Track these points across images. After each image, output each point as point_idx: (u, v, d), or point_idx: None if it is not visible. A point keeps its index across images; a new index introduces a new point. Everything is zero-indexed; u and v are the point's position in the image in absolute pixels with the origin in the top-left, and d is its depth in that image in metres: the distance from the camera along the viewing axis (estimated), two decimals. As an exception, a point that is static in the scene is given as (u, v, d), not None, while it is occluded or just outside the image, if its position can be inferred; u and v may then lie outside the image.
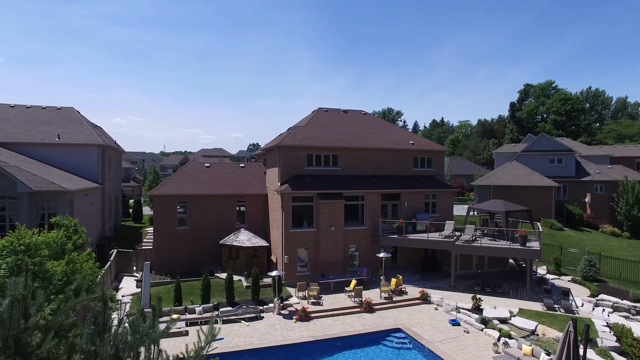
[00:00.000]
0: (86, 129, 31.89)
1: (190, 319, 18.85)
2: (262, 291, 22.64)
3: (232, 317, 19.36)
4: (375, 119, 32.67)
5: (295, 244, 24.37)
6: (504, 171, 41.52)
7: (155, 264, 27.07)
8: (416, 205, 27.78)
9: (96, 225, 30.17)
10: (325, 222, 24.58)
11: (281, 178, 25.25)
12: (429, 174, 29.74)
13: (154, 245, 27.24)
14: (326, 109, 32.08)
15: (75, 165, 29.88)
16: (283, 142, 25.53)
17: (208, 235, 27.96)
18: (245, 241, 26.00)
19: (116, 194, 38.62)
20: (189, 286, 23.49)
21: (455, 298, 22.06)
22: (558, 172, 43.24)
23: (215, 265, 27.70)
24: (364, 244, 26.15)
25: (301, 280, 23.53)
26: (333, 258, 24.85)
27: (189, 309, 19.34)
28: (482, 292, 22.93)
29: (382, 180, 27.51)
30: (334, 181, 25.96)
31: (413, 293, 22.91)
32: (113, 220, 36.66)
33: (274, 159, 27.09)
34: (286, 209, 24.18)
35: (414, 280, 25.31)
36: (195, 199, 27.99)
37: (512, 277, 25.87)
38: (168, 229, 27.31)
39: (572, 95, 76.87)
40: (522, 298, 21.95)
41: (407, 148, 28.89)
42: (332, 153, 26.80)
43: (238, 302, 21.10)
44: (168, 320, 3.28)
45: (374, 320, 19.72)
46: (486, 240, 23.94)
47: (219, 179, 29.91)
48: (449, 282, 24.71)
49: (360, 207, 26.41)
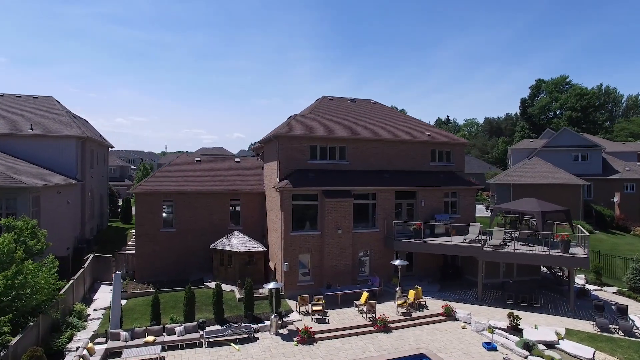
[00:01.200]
0: (64, 119, 28.64)
1: (169, 342, 15.52)
2: (258, 305, 19.32)
3: (219, 339, 16.02)
4: (386, 108, 29.33)
5: (296, 249, 21.02)
6: (525, 168, 38.05)
7: (137, 271, 23.81)
8: (434, 205, 24.37)
9: (73, 226, 26.90)
10: (331, 223, 21.22)
11: (280, 173, 21.90)
12: (448, 170, 26.34)
13: (136, 250, 23.93)
14: (331, 98, 28.74)
15: (51, 159, 26.68)
16: (282, 132, 22.18)
17: (198, 239, 24.67)
18: (239, 245, 22.66)
19: (101, 192, 35.37)
20: (174, 298, 20.20)
21: (485, 313, 18.68)
22: (582, 170, 39.75)
23: (206, 272, 24.42)
24: (375, 249, 22.77)
25: (303, 291, 20.19)
26: (340, 265, 21.48)
27: (168, 328, 16.02)
28: (516, 306, 19.54)
29: (395, 176, 24.12)
30: (341, 177, 22.59)
31: (434, 307, 19.54)
32: (97, 220, 33.42)
33: (273, 152, 23.74)
34: (286, 208, 20.83)
35: (433, 291, 21.92)
36: (184, 197, 24.69)
37: (545, 287, 22.45)
38: (152, 231, 24.01)
39: (588, 90, 73.08)
40: (565, 314, 18.53)
41: (423, 140, 25.49)
42: (339, 145, 23.42)
43: (228, 319, 17.78)
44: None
45: (390, 342, 16.34)
46: (517, 245, 20.50)
47: (210, 175, 26.60)
48: (474, 294, 21.32)
49: (371, 206, 23.03)
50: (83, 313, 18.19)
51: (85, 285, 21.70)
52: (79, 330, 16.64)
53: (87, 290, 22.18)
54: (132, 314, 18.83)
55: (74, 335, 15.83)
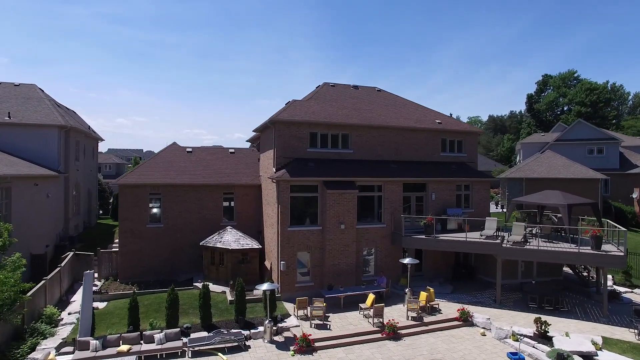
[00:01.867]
0: (46, 107, 26.67)
1: (147, 352, 13.49)
2: (251, 309, 17.28)
3: (205, 348, 13.99)
4: (392, 95, 27.24)
5: (294, 246, 18.97)
6: (538, 162, 35.88)
7: (121, 271, 21.81)
8: (446, 198, 22.29)
9: (55, 222, 24.94)
10: (333, 218, 19.16)
11: (277, 162, 19.84)
12: (460, 160, 24.23)
13: (120, 247, 21.92)
14: (333, 84, 26.67)
15: (32, 149, 24.72)
16: (279, 117, 20.11)
17: (188, 236, 22.66)
18: (231, 242, 20.62)
19: (89, 187, 33.39)
20: (159, 300, 18.17)
21: (506, 318, 16.60)
22: (598, 164, 37.53)
23: (196, 272, 22.40)
24: (381, 247, 20.70)
25: (302, 293, 18.14)
26: (343, 264, 19.42)
27: (146, 335, 13.98)
28: (540, 309, 17.46)
29: (403, 167, 22.04)
30: (344, 167, 20.53)
31: (448, 311, 17.48)
32: (84, 217, 31.44)
33: (269, 140, 21.70)
34: (283, 200, 18.78)
35: (446, 293, 19.85)
36: (172, 190, 22.66)
37: (569, 289, 20.36)
38: (137, 227, 21.99)
39: (598, 84, 70.62)
40: (597, 320, 16.43)
41: (433, 128, 23.39)
42: (342, 132, 21.34)
43: (217, 325, 15.74)
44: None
45: (401, 351, 14.27)
46: (539, 242, 18.39)
47: (202, 166, 24.56)
48: (491, 296, 19.25)
49: (376, 199, 20.96)
50: (54, 317, 16.17)
51: (62, 286, 19.68)
52: (46, 337, 14.61)
53: (65, 291, 20.17)
54: (110, 318, 16.82)
55: (38, 344, 13.81)
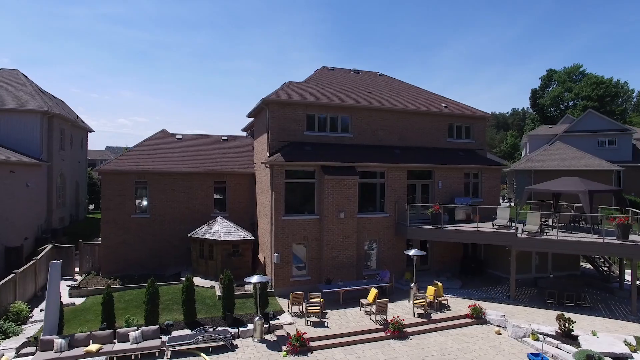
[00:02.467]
0: (27, 92, 25.11)
1: (120, 352, 11.90)
2: (242, 304, 15.72)
3: (186, 347, 12.41)
4: (395, 80, 25.63)
5: (289, 237, 17.38)
6: (548, 153, 34.29)
7: (104, 264, 20.28)
8: (453, 187, 20.69)
9: (36, 213, 23.40)
10: (331, 206, 17.57)
11: (270, 146, 18.25)
12: (468, 147, 22.63)
13: (102, 240, 20.37)
14: (332, 68, 25.09)
15: (12, 136, 23.30)
16: (274, 97, 18.51)
17: (176, 227, 21.14)
18: (221, 233, 19.04)
19: (77, 179, 31.84)
20: (141, 296, 16.41)
21: (522, 315, 15.00)
22: (610, 156, 35.89)
23: (185, 266, 20.85)
24: (384, 238, 19.11)
25: (298, 288, 16.56)
26: (342, 257, 17.83)
27: (120, 333, 12.41)
28: (559, 306, 15.87)
29: (407, 152, 20.45)
30: (344, 152, 18.94)
31: (458, 307, 15.88)
32: (71, 209, 29.88)
33: (263, 124, 20.12)
34: (277, 187, 17.19)
35: (454, 288, 18.25)
36: (160, 178, 21.11)
37: (588, 284, 18.73)
38: (121, 217, 20.45)
39: (605, 78, 68.95)
40: (625, 318, 14.80)
41: (439, 111, 21.77)
42: (341, 114, 19.74)
43: (202, 322, 14.17)
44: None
45: (408, 352, 12.68)
46: (557, 232, 16.76)
47: (192, 153, 23.00)
48: (504, 291, 17.66)
49: (379, 187, 19.37)
50: (22, 315, 14.59)
51: (37, 281, 18.10)
52: (10, 336, 13.05)
53: (42, 287, 18.59)
54: (85, 315, 15.27)
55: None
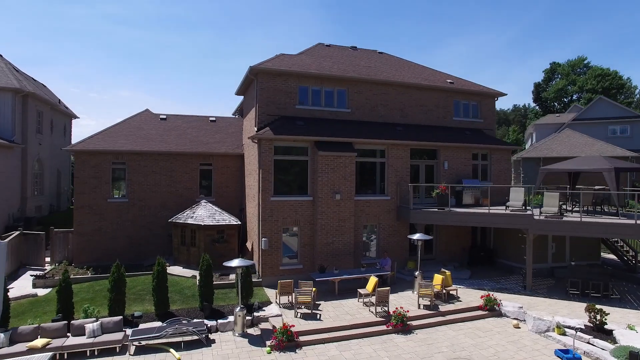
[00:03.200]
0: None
1: (72, 346, 10.06)
2: (224, 294, 13.92)
3: (152, 342, 10.58)
4: (396, 58, 23.81)
5: (279, 220, 15.54)
6: (556, 141, 32.47)
7: (76, 253, 18.42)
8: (460, 168, 18.86)
9: (6, 200, 21.51)
10: (326, 186, 15.74)
11: (259, 120, 16.40)
12: (475, 127, 20.80)
13: (75, 227, 18.51)
14: (328, 44, 23.26)
15: (-20, 116, 21.36)
16: (263, 65, 16.66)
17: (157, 213, 19.30)
18: (205, 218, 17.20)
19: (58, 167, 29.96)
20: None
21: (542, 307, 13.19)
22: (622, 145, 33.94)
23: (167, 256, 19.00)
24: (385, 223, 17.28)
25: (289, 277, 14.73)
26: (338, 243, 15.99)
27: (75, 326, 10.56)
28: (583, 297, 14.07)
29: (410, 130, 18.62)
30: (340, 127, 17.10)
31: (468, 298, 14.07)
32: (50, 199, 28.00)
33: (251, 97, 18.28)
34: (265, 164, 15.35)
35: (463, 278, 16.44)
36: (140, 159, 19.26)
37: (612, 275, 16.90)
38: (97, 202, 18.60)
39: (610, 70, 67.19)
40: (659, 308, 13.03)
41: (444, 87, 19.94)
42: (337, 87, 17.89)
43: (175, 314, 12.34)
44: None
45: (413, 348, 10.85)
46: (581, 215, 14.94)
47: (177, 134, 21.16)
48: (518, 282, 15.86)
49: (379, 166, 17.54)
50: (-29, 305, 12.75)
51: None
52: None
53: (7, 277, 16.75)
54: (44, 306, 13.45)
55: None
